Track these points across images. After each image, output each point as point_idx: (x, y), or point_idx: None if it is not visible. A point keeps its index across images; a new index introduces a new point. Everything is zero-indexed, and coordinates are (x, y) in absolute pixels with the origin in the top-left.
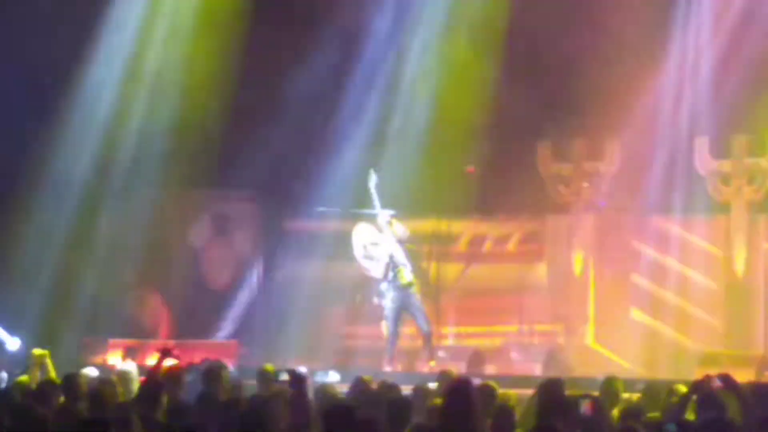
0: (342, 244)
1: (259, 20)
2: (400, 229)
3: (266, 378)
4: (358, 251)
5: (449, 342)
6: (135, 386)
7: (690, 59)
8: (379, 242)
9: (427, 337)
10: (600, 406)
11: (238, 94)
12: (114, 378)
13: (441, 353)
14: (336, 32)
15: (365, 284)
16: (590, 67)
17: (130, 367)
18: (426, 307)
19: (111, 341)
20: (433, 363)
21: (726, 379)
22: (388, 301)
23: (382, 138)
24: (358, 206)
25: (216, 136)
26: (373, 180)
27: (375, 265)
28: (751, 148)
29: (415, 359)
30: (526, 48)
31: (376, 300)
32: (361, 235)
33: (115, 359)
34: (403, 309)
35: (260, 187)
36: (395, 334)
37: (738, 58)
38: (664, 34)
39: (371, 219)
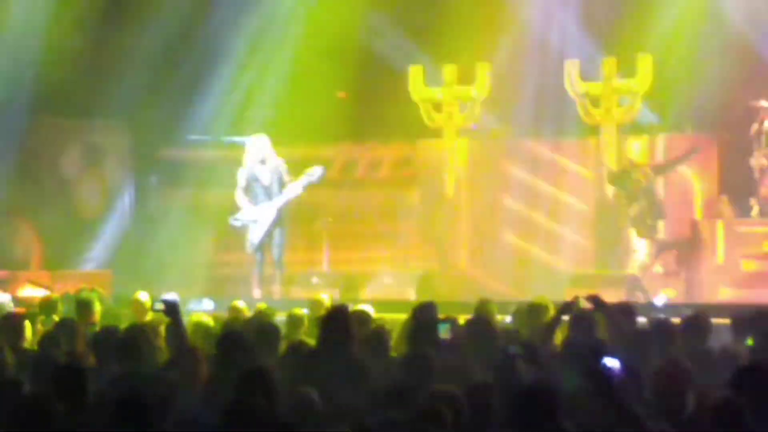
0: (213, 171)
1: None
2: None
3: (141, 307)
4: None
5: (323, 268)
6: None
7: None
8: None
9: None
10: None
11: (106, 23)
12: None
13: (315, 279)
14: None
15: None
16: None
17: (4, 298)
18: (299, 234)
19: None
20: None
21: (594, 299)
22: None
23: (252, 64)
24: (228, 133)
25: (84, 65)
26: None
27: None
28: (621, 70)
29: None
30: None
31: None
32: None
33: None
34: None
35: (131, 116)
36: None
37: None
38: None
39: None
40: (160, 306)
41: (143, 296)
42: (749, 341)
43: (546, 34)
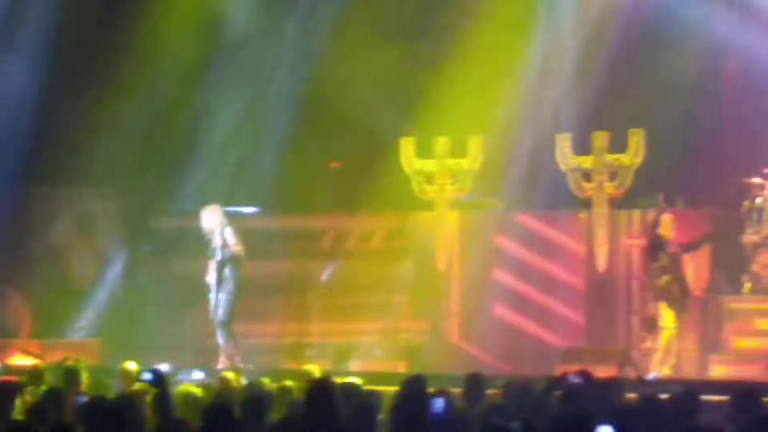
0: (206, 241)
1: None
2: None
3: (129, 376)
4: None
5: (314, 339)
6: None
7: (552, 56)
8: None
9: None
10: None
11: (98, 91)
12: None
13: (305, 350)
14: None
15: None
16: (452, 64)
17: None
18: (290, 305)
19: None
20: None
21: (584, 374)
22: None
23: (245, 134)
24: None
25: (76, 133)
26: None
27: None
28: (612, 146)
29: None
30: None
31: None
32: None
33: None
34: None
35: (123, 184)
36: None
37: (599, 56)
38: (527, 32)
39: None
40: (147, 376)
41: (132, 366)
42: None
43: (538, 107)
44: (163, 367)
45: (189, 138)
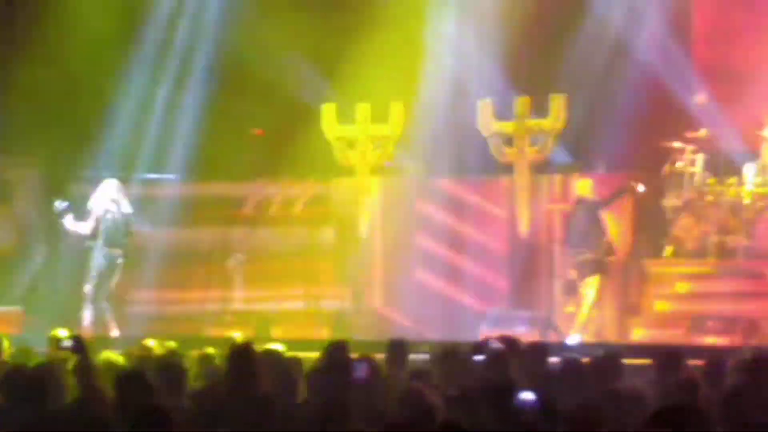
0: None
1: None
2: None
3: (54, 345)
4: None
5: (236, 306)
6: None
7: (473, 20)
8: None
9: None
10: (376, 368)
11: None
12: None
13: (228, 318)
14: None
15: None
16: (372, 30)
17: None
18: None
19: None
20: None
21: (506, 338)
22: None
23: (168, 99)
24: (136, 169)
25: None
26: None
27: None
28: (534, 109)
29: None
30: (308, 14)
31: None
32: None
33: None
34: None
35: (41, 152)
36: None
37: (519, 20)
38: None
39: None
40: (67, 343)
41: (62, 333)
42: None
43: (460, 73)
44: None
45: (108, 105)
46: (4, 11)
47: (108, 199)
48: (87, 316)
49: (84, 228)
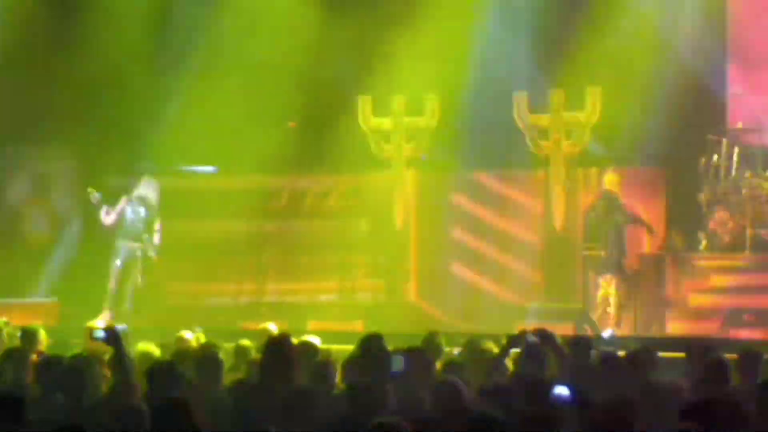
0: (165, 200)
1: None
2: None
3: (89, 336)
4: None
5: (271, 298)
6: None
7: (509, 14)
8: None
9: None
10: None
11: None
12: None
13: (262, 310)
14: None
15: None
16: (409, 22)
17: None
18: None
19: None
20: None
21: (541, 332)
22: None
23: (203, 92)
24: (178, 162)
25: (32, 92)
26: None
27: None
28: (569, 102)
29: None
30: (344, 6)
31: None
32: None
33: None
34: None
35: (79, 144)
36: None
37: (556, 13)
38: None
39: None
40: (100, 334)
41: (98, 324)
42: None
43: (496, 66)
44: (119, 326)
45: (146, 98)
46: (43, 5)
47: (134, 193)
48: (107, 315)
49: (107, 220)
